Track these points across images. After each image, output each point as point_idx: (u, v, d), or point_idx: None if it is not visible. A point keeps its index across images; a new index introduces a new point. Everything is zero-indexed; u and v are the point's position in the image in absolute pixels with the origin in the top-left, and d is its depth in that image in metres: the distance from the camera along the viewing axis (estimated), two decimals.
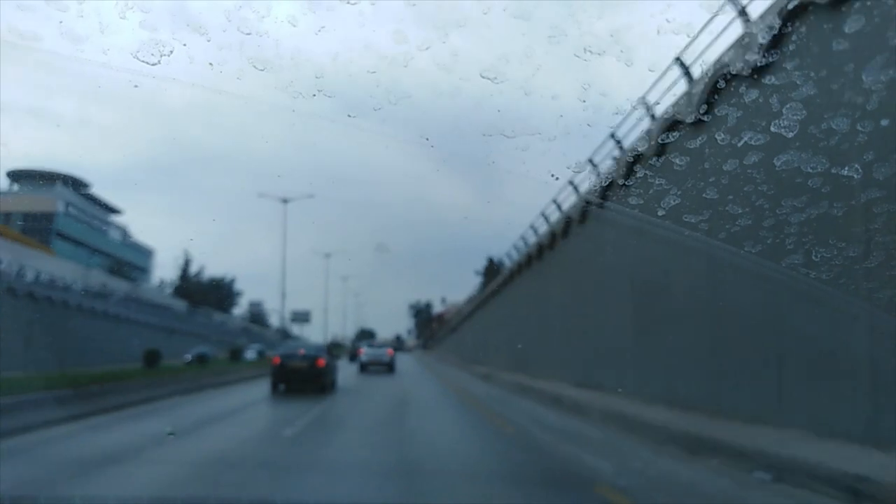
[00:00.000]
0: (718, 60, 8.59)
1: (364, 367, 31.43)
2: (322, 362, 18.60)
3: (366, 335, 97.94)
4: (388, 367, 31.02)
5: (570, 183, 16.39)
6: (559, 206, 18.28)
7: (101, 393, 13.83)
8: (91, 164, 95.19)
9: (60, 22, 4.26)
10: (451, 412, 15.41)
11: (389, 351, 32.63)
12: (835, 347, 7.10)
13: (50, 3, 4.08)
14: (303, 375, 18.40)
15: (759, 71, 7.13)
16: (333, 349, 28.38)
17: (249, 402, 16.69)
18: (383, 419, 13.20)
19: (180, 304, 61.38)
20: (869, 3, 6.00)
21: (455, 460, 8.28)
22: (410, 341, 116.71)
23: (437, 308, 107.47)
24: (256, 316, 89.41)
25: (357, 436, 10.80)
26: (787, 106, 4.85)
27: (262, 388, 19.75)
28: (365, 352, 32.95)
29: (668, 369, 11.35)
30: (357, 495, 6.03)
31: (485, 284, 43.68)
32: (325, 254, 60.84)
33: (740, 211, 6.56)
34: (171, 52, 5.00)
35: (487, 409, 15.23)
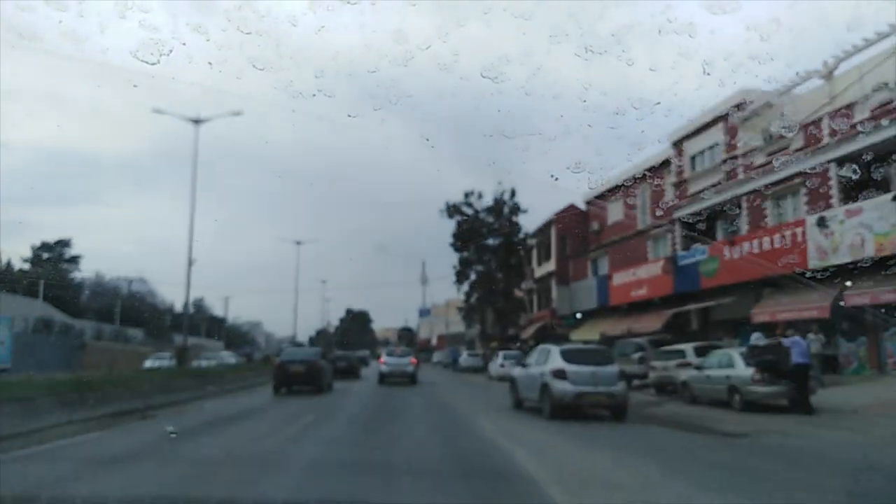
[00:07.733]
0: None
1: (383, 379, 27.47)
2: (318, 366, 21.60)
3: (357, 318, 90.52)
4: (411, 379, 27.68)
5: None
6: None
7: None
8: (82, 156, 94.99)
9: (60, 22, 4.22)
10: None
11: (413, 360, 28.81)
12: None
13: (50, 3, 4.04)
14: (301, 378, 21.28)
15: None
16: (326, 351, 28.87)
17: None
18: None
19: None
20: None
21: None
22: (429, 330, 53.46)
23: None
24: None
25: None
26: None
27: None
28: (385, 361, 28.62)
29: None
30: None
31: None
32: (296, 241, 54.69)
33: None
34: (171, 51, 4.96)
35: None
